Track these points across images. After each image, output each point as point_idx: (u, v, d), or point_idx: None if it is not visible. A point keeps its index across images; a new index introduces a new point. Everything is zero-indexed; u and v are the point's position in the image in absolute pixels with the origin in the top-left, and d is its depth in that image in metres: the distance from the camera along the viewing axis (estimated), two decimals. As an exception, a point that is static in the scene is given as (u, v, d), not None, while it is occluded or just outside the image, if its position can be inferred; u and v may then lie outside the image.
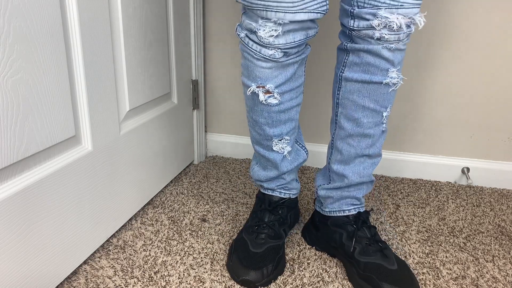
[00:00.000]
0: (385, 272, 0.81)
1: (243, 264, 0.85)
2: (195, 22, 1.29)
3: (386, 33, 0.73)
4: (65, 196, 0.81)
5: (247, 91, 0.81)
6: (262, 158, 0.91)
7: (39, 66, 0.72)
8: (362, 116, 0.82)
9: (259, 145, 0.89)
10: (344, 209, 0.92)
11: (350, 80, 0.81)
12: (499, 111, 1.26)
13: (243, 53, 0.79)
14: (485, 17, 1.18)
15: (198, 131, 1.41)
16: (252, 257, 0.86)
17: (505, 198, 1.24)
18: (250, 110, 0.84)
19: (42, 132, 0.74)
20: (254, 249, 0.88)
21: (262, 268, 0.84)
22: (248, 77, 0.79)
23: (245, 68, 0.79)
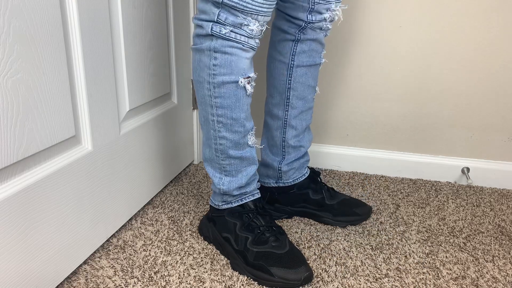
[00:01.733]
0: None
1: (290, 267, 0.84)
2: (195, 22, 1.29)
3: (329, 24, 0.95)
4: (65, 196, 0.81)
5: (227, 90, 0.82)
6: (237, 162, 0.89)
7: (39, 66, 0.72)
8: (308, 93, 1.02)
9: (235, 148, 0.87)
10: (303, 173, 1.10)
11: (300, 66, 0.98)
12: (499, 111, 1.26)
13: (224, 50, 0.79)
14: (485, 16, 1.18)
15: (198, 131, 1.41)
16: (289, 256, 0.86)
17: (505, 198, 1.24)
18: (230, 110, 0.84)
19: (42, 132, 0.74)
20: (281, 250, 0.87)
21: (302, 258, 0.87)
22: (231, 73, 0.81)
23: (227, 65, 0.80)
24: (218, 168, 0.91)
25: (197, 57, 0.82)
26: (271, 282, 0.84)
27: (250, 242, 0.88)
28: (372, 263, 0.93)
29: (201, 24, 0.80)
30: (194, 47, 0.83)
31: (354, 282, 0.87)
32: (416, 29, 1.23)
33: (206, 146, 0.91)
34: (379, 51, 1.27)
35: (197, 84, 0.85)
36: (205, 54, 0.80)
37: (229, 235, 0.92)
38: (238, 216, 0.92)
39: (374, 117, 1.35)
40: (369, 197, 1.22)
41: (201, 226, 1.01)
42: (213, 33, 0.78)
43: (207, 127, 0.88)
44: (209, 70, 0.81)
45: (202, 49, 0.81)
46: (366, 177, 1.36)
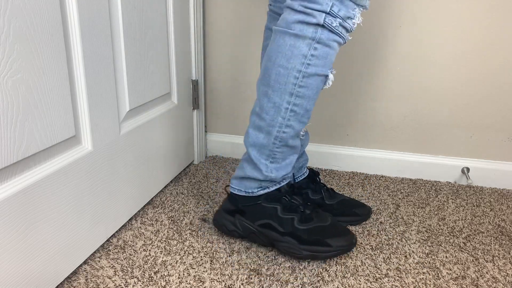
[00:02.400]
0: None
1: (341, 235, 0.91)
2: (195, 22, 1.29)
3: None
4: (65, 196, 0.81)
5: (314, 81, 0.82)
6: (288, 150, 0.90)
7: (39, 66, 0.72)
8: None
9: (294, 138, 0.89)
10: (302, 172, 1.09)
11: None
12: (499, 111, 1.26)
13: (327, 43, 0.79)
14: (485, 16, 1.18)
15: (198, 131, 1.41)
16: (335, 226, 0.93)
17: (505, 198, 1.24)
18: (307, 101, 0.84)
19: (42, 132, 0.74)
20: (326, 223, 0.93)
21: (343, 225, 0.94)
22: (324, 66, 0.81)
23: (323, 58, 0.80)
24: (267, 155, 0.90)
25: (291, 42, 0.79)
26: (330, 253, 0.90)
27: (298, 222, 0.91)
28: (372, 263, 0.93)
29: (311, 12, 0.76)
30: (291, 32, 0.79)
31: (354, 282, 0.87)
32: (416, 29, 1.23)
33: (263, 132, 0.88)
34: (379, 51, 1.27)
35: (279, 69, 0.82)
36: (305, 42, 0.78)
37: (269, 220, 0.92)
38: (277, 200, 0.93)
39: (374, 117, 1.35)
40: (369, 197, 1.22)
41: (222, 222, 0.97)
42: (325, 24, 0.77)
43: (274, 113, 0.85)
44: (304, 59, 0.80)
45: (304, 36, 0.78)
46: (366, 177, 1.36)
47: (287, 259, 0.93)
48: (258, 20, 1.32)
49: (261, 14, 1.32)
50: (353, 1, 0.78)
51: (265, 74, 0.84)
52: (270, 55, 0.83)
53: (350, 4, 0.77)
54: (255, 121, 0.89)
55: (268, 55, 0.83)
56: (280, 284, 0.86)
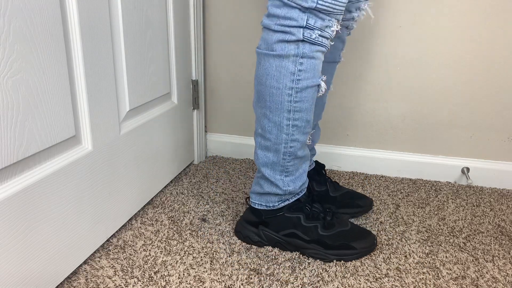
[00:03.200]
0: None
1: (363, 238, 0.94)
2: (195, 22, 1.29)
3: (355, 24, 0.99)
4: (65, 196, 0.81)
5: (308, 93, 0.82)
6: (299, 161, 0.91)
7: (39, 66, 0.72)
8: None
9: (302, 149, 0.90)
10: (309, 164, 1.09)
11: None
12: (499, 111, 1.26)
13: (311, 55, 0.79)
14: (485, 17, 1.18)
15: (198, 131, 1.41)
16: (356, 229, 0.96)
17: (505, 198, 1.24)
18: (306, 113, 0.85)
19: (42, 132, 0.74)
20: (347, 227, 0.96)
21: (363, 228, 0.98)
22: (314, 77, 0.82)
23: (311, 70, 0.81)
24: (280, 171, 0.91)
25: (277, 63, 0.80)
26: (355, 255, 0.93)
27: (321, 229, 0.93)
28: (372, 263, 0.93)
29: (289, 30, 0.77)
30: (275, 54, 0.80)
31: (354, 282, 0.87)
32: (416, 29, 1.23)
33: (271, 151, 0.89)
34: (379, 51, 1.27)
35: (272, 90, 0.83)
36: (290, 60, 0.79)
37: (294, 230, 0.93)
38: (299, 210, 0.94)
39: (374, 117, 1.35)
40: (369, 197, 1.22)
41: (246, 234, 0.98)
42: (305, 38, 0.78)
43: (277, 132, 0.86)
44: (293, 76, 0.81)
45: (288, 55, 0.79)
46: (366, 177, 1.36)
47: (287, 259, 0.93)
48: (258, 20, 1.32)
49: (261, 14, 1.32)
50: (325, 14, 0.77)
51: (259, 97, 0.86)
52: (260, 78, 0.84)
53: (323, 15, 0.78)
54: (261, 142, 0.90)
55: (257, 78, 0.85)
56: (280, 284, 0.86)
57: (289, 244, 0.95)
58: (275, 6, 0.78)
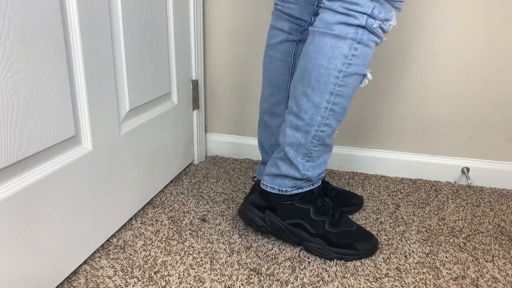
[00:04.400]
0: None
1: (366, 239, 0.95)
2: (195, 22, 1.29)
3: None
4: (65, 196, 0.81)
5: (354, 80, 0.84)
6: (323, 149, 0.91)
7: (39, 66, 0.72)
8: None
9: (330, 137, 0.91)
10: None
11: None
12: (499, 111, 1.26)
13: (367, 43, 0.81)
14: (485, 17, 1.18)
15: (198, 131, 1.41)
16: (360, 231, 0.97)
17: (505, 198, 1.24)
18: (346, 100, 0.86)
19: (42, 132, 0.74)
20: (352, 227, 0.96)
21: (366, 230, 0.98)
22: (364, 65, 0.83)
23: (363, 57, 0.82)
24: (303, 154, 0.90)
25: (332, 43, 0.80)
26: (357, 256, 0.93)
27: (328, 225, 0.93)
28: (372, 263, 0.93)
29: (352, 14, 0.78)
30: (332, 33, 0.80)
31: (354, 282, 0.87)
32: (415, 29, 1.23)
33: (301, 131, 0.88)
34: (378, 51, 1.27)
35: (320, 69, 0.82)
36: (346, 42, 0.80)
37: (301, 221, 0.93)
38: (310, 202, 0.94)
39: (374, 117, 1.35)
40: (369, 197, 1.22)
41: (251, 217, 0.97)
42: (366, 26, 0.79)
43: (313, 113, 0.86)
44: (345, 59, 0.81)
45: (345, 37, 0.79)
46: (366, 177, 1.36)
47: (287, 258, 0.93)
48: (258, 20, 1.32)
49: (261, 14, 1.32)
50: (391, 4, 0.80)
51: (304, 75, 0.85)
52: (310, 56, 0.83)
53: (388, 7, 0.80)
54: (293, 121, 0.89)
55: (306, 56, 0.84)
56: (280, 284, 0.86)
57: (292, 234, 0.94)
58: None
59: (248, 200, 0.99)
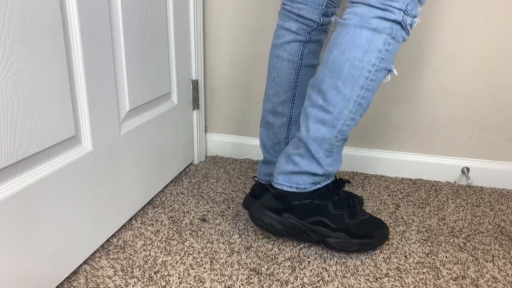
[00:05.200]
0: None
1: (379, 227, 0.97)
2: (195, 22, 1.29)
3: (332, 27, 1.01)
4: (65, 196, 0.81)
5: (382, 75, 0.84)
6: (343, 144, 0.92)
7: (39, 66, 0.72)
8: None
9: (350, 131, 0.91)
10: None
11: (306, 66, 1.01)
12: (499, 111, 1.26)
13: (398, 39, 0.82)
14: (485, 16, 1.18)
15: (198, 131, 1.41)
16: (372, 219, 0.98)
17: (505, 198, 1.24)
18: (372, 94, 0.86)
19: (42, 132, 0.74)
20: (365, 216, 0.97)
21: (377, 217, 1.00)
22: (392, 61, 0.84)
23: (393, 53, 0.83)
24: (325, 149, 0.89)
25: (370, 36, 0.80)
26: (374, 244, 0.95)
27: (347, 217, 0.94)
28: (372, 262, 0.93)
29: (391, 9, 0.79)
30: (370, 26, 0.80)
31: (354, 282, 0.87)
32: (415, 29, 1.23)
33: (327, 125, 0.87)
34: (379, 51, 1.27)
35: (355, 62, 0.82)
36: (382, 37, 0.80)
37: (321, 217, 0.93)
38: (328, 197, 0.93)
39: (374, 117, 1.35)
40: (369, 197, 1.22)
41: (269, 222, 0.92)
42: (402, 21, 0.80)
43: (342, 106, 0.85)
44: (379, 54, 0.81)
45: (382, 31, 0.80)
46: (366, 177, 1.36)
47: (287, 258, 0.93)
48: (258, 19, 1.32)
49: (262, 14, 1.32)
50: (419, 0, 0.81)
51: (335, 67, 0.84)
52: (343, 48, 0.82)
53: (417, 3, 0.81)
54: (318, 115, 0.87)
55: (339, 48, 0.83)
56: (280, 284, 0.86)
57: (313, 232, 0.93)
58: None
59: (261, 204, 0.95)
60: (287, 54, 1.00)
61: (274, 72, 1.03)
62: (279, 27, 1.01)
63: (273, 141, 1.07)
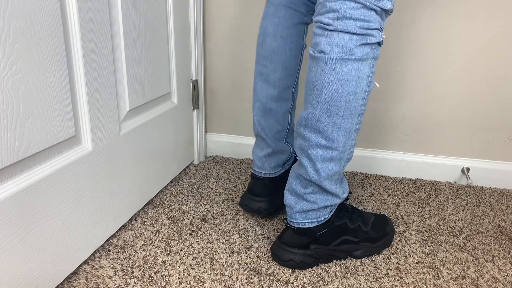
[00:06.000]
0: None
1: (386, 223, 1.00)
2: (195, 22, 1.29)
3: None
4: (65, 196, 0.81)
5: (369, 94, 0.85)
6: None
7: (39, 66, 0.72)
8: None
9: None
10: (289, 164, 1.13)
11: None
12: (499, 111, 1.26)
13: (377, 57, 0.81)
14: (485, 16, 1.18)
15: (198, 131, 1.41)
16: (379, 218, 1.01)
17: (505, 198, 1.24)
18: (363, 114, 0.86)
19: (42, 132, 0.74)
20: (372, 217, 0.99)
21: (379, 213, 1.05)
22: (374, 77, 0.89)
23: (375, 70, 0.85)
24: (336, 179, 0.87)
25: (356, 67, 0.77)
26: (391, 238, 0.99)
27: (363, 226, 0.95)
28: (372, 262, 0.93)
29: (371, 33, 0.76)
30: (355, 58, 0.76)
31: (354, 282, 0.87)
32: (416, 29, 1.23)
33: (335, 161, 0.84)
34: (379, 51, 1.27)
35: (350, 97, 0.78)
36: (367, 63, 0.78)
37: (345, 236, 0.93)
38: (343, 215, 0.94)
39: (374, 117, 1.35)
40: (369, 197, 1.22)
41: (300, 259, 0.90)
42: (381, 41, 0.79)
43: (345, 140, 0.82)
44: (368, 79, 0.79)
45: (367, 58, 0.77)
46: (366, 177, 1.36)
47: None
48: (258, 19, 1.32)
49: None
50: (386, 14, 0.79)
51: (331, 106, 0.79)
52: (335, 86, 0.78)
53: (384, 16, 0.79)
54: (323, 154, 0.83)
55: (329, 86, 0.78)
56: (280, 284, 0.86)
57: (340, 252, 0.93)
58: (350, 8, 0.74)
59: (284, 243, 0.91)
60: (296, 36, 0.96)
61: (281, 56, 0.97)
62: (283, 6, 0.95)
63: (277, 128, 1.02)
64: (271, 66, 0.98)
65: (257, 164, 1.07)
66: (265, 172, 1.07)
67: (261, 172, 1.07)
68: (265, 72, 0.98)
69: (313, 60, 0.79)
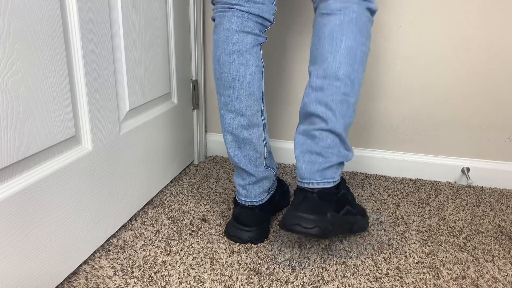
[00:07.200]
0: None
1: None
2: (195, 22, 1.29)
3: None
4: (65, 196, 0.81)
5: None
6: None
7: (39, 66, 0.72)
8: None
9: None
10: None
11: None
12: (499, 111, 1.26)
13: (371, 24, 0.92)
14: (486, 16, 1.18)
15: (198, 131, 1.41)
16: None
17: (505, 198, 1.24)
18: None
19: (42, 132, 0.74)
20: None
21: None
22: None
23: None
24: (347, 134, 0.92)
25: (367, 24, 0.89)
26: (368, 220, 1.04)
27: (352, 199, 0.97)
28: (372, 262, 0.93)
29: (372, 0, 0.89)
30: (366, 16, 0.88)
31: (354, 282, 0.87)
32: (416, 29, 1.23)
33: (351, 109, 0.89)
34: (379, 51, 1.27)
35: (362, 47, 0.88)
36: (370, 25, 0.90)
37: (347, 206, 0.92)
38: (343, 185, 0.94)
39: (374, 117, 1.35)
40: (369, 197, 1.22)
41: (325, 226, 0.84)
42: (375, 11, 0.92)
43: (358, 88, 0.90)
44: (370, 39, 0.91)
45: (372, 21, 0.90)
46: (366, 177, 1.36)
47: (287, 258, 0.93)
48: (258, 20, 1.32)
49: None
50: None
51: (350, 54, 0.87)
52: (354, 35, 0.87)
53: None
54: (343, 101, 0.87)
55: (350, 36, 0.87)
56: (280, 284, 0.86)
57: (347, 223, 0.91)
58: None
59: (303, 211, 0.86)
60: (253, 60, 0.91)
61: (243, 83, 0.92)
62: (235, 31, 0.90)
63: (255, 156, 0.96)
64: (234, 95, 0.92)
65: (242, 192, 0.99)
66: (251, 200, 0.99)
67: (248, 201, 0.99)
68: (230, 102, 0.93)
69: (329, 16, 0.87)
